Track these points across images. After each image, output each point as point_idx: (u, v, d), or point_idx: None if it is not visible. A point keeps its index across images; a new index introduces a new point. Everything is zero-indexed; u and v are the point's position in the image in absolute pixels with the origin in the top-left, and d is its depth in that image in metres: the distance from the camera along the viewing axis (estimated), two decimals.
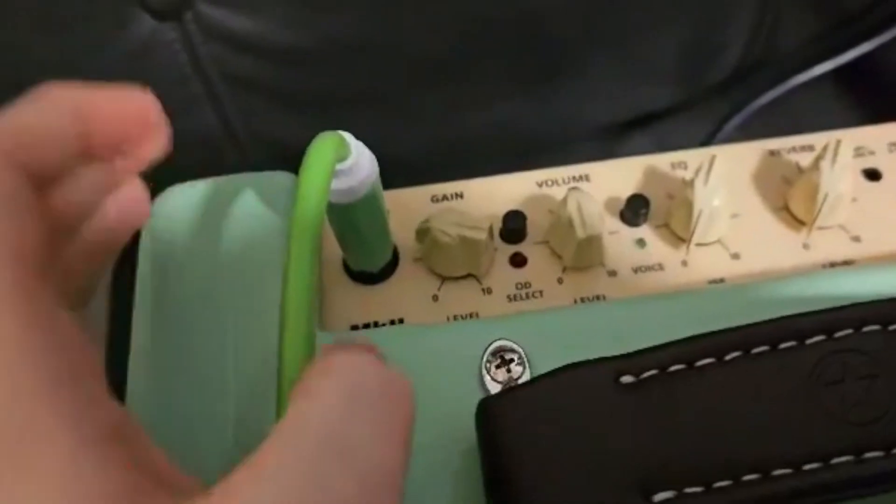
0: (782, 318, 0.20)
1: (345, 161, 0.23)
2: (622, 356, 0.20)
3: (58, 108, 0.17)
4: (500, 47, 0.44)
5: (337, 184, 0.23)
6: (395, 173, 0.48)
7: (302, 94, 0.43)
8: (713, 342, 0.20)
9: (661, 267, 0.27)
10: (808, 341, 0.20)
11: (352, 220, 0.25)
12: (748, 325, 0.20)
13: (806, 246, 0.28)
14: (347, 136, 0.23)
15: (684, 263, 0.27)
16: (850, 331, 0.20)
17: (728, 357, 0.20)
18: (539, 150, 0.50)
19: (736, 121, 0.48)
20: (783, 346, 0.20)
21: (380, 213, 0.25)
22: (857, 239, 0.28)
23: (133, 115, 0.19)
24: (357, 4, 0.40)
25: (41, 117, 0.17)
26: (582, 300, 0.27)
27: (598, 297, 0.27)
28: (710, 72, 0.50)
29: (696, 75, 0.50)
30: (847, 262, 0.27)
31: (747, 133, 0.49)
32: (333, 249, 0.27)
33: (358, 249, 0.26)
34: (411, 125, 0.46)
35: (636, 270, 0.27)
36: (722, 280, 0.27)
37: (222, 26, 0.39)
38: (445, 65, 0.44)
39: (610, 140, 0.51)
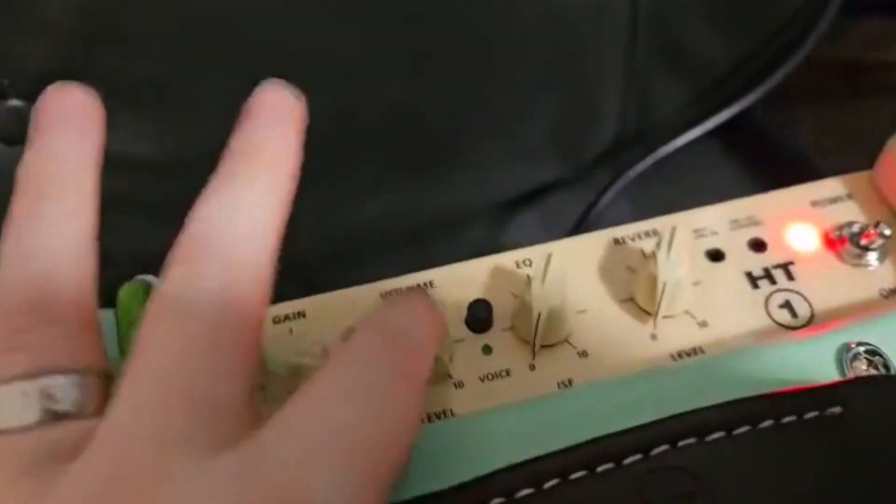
0: (598, 438, 0.19)
1: None
2: (427, 497, 0.19)
3: None
4: (373, 140, 0.44)
5: None
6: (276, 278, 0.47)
7: (161, 206, 0.42)
8: (528, 471, 0.19)
9: (508, 373, 0.27)
10: (626, 461, 0.19)
11: None
12: (564, 450, 0.19)
13: (654, 337, 0.27)
14: (153, 279, 0.22)
15: (532, 367, 0.27)
16: (666, 447, 0.19)
17: (546, 486, 0.19)
18: (429, 237, 0.49)
19: (613, 190, 0.48)
20: (601, 468, 0.19)
21: None
22: (703, 324, 0.27)
23: None
24: (211, 113, 0.39)
25: None
26: (428, 417, 0.26)
27: (445, 413, 0.26)
28: (588, 144, 0.50)
29: (575, 148, 0.50)
30: (695, 350, 0.27)
31: (634, 201, 0.50)
32: None
33: None
34: (286, 227, 0.45)
35: (483, 379, 0.26)
36: (570, 381, 0.26)
37: None
38: (316, 163, 0.44)
39: (499, 219, 0.51)
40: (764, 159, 0.49)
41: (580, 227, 0.48)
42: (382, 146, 0.44)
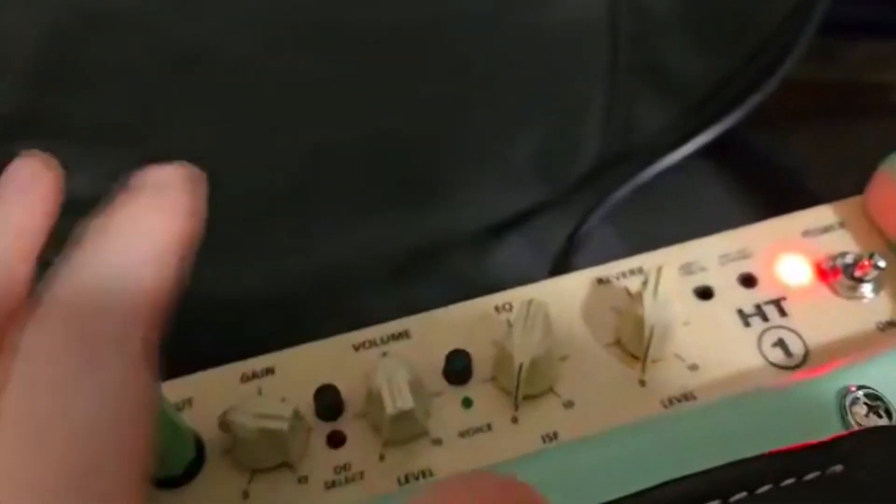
0: None
1: None
2: None
3: None
4: (355, 169, 0.43)
5: None
6: (255, 314, 0.45)
7: None
8: None
9: (489, 427, 0.25)
10: None
11: None
12: None
13: (642, 382, 0.26)
14: None
15: (514, 420, 0.25)
16: None
17: None
18: (412, 267, 0.48)
19: (599, 213, 0.47)
20: None
21: (165, 420, 0.23)
22: (694, 367, 0.26)
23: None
24: (184, 150, 0.38)
25: None
26: (406, 478, 0.24)
27: (423, 473, 0.24)
28: (573, 166, 0.49)
29: (559, 171, 0.49)
30: (687, 396, 0.25)
31: (620, 224, 0.49)
32: None
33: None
34: (262, 262, 0.44)
35: (463, 435, 0.25)
36: (555, 434, 0.25)
37: None
38: (298, 195, 0.42)
39: (486, 244, 0.50)
40: (754, 181, 0.48)
41: (567, 252, 0.47)
42: (365, 175, 0.43)
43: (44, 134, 0.36)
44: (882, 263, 0.26)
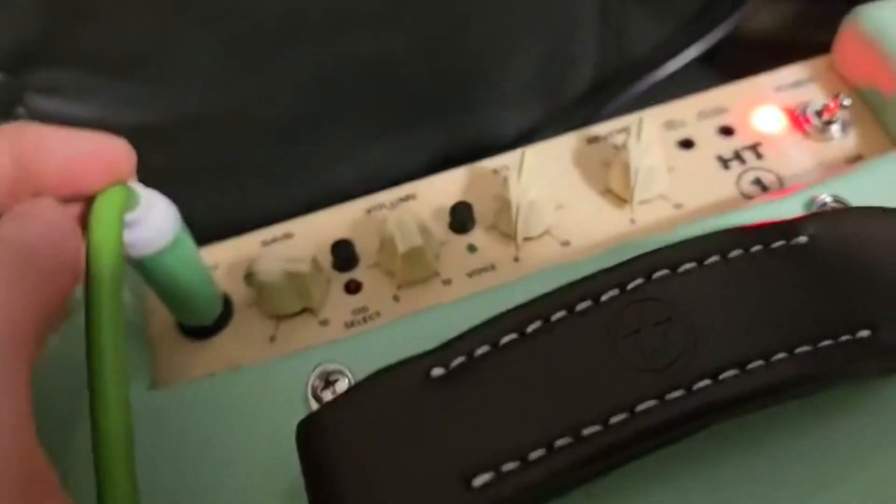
0: (576, 281, 0.20)
1: (134, 211, 0.22)
2: (429, 351, 0.20)
3: None
4: (354, 95, 0.44)
5: (131, 235, 0.22)
6: None
7: (154, 173, 0.42)
8: (513, 318, 0.20)
9: (493, 267, 0.27)
10: (603, 298, 0.20)
11: (164, 273, 0.24)
12: (544, 295, 0.20)
13: (632, 221, 0.28)
14: (137, 185, 0.23)
15: (516, 259, 0.27)
16: (641, 280, 0.20)
17: (529, 330, 0.20)
18: None
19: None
20: (580, 307, 0.20)
21: (193, 263, 0.25)
22: (678, 206, 0.28)
23: (94, 162, 0.21)
24: (195, 77, 0.40)
25: None
26: None
27: None
28: (569, 85, 0.50)
29: (556, 91, 0.50)
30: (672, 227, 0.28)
31: None
32: (164, 309, 0.27)
33: (182, 304, 0.26)
34: (275, 189, 0.46)
35: (470, 275, 0.27)
36: None
37: (57, 116, 0.39)
38: (297, 123, 0.44)
39: None
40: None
41: None
42: (364, 101, 0.45)
43: (56, 62, 0.37)
44: (847, 102, 0.28)
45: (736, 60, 0.50)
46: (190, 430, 0.23)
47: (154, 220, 0.23)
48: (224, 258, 0.28)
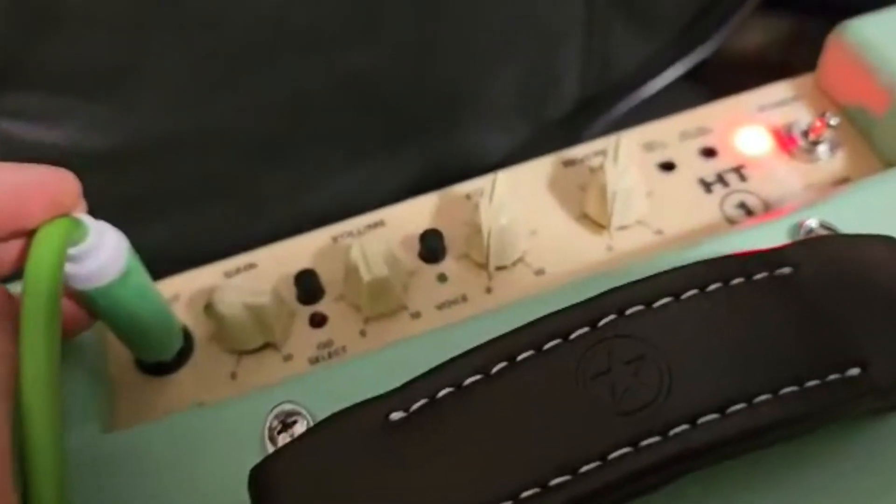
0: (544, 317, 0.19)
1: (82, 243, 0.21)
2: (389, 393, 0.19)
3: None
4: (338, 116, 0.43)
5: (77, 268, 0.21)
6: None
7: (117, 201, 0.41)
8: (478, 357, 0.19)
9: (465, 298, 0.26)
10: (572, 336, 0.18)
11: (116, 306, 0.23)
12: (510, 333, 0.19)
13: (610, 248, 0.27)
14: (85, 217, 0.21)
15: (488, 290, 0.26)
16: (613, 316, 0.19)
17: (494, 370, 0.18)
18: None
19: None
20: (547, 346, 0.18)
21: (147, 295, 0.24)
22: (658, 232, 0.27)
23: (37, 194, 0.20)
24: (164, 98, 0.39)
25: None
26: None
27: None
28: (553, 104, 0.49)
29: (540, 110, 0.49)
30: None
31: None
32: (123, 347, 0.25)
33: (138, 339, 0.24)
34: (246, 217, 0.45)
35: (440, 307, 0.26)
36: None
37: (23, 140, 0.38)
38: (280, 145, 0.43)
39: None
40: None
41: None
42: (341, 122, 0.43)
43: (21, 85, 0.36)
44: (834, 121, 0.27)
45: (722, 78, 0.50)
46: (144, 475, 0.22)
47: (102, 252, 0.21)
48: (185, 290, 0.27)
